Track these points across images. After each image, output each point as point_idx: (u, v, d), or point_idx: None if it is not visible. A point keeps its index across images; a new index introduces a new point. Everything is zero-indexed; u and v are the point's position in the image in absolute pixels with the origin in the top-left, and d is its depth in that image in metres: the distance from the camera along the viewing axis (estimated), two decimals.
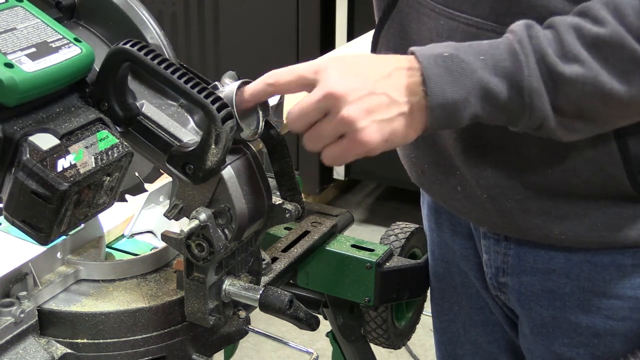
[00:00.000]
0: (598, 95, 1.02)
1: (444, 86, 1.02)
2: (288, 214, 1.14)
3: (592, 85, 1.01)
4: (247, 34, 3.75)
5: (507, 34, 1.04)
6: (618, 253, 1.20)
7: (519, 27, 1.03)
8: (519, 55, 1.01)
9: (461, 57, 1.02)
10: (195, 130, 1.10)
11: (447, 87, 1.02)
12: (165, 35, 1.15)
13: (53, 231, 1.01)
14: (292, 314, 1.12)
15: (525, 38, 1.02)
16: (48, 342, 1.10)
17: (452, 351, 1.50)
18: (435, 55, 1.02)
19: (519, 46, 1.02)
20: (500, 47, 1.03)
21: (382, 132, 1.02)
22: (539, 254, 1.25)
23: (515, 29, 1.03)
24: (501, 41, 1.03)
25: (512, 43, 1.02)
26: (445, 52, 1.02)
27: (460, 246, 1.39)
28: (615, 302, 1.22)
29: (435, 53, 1.03)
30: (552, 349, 1.29)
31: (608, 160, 1.13)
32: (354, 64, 1.05)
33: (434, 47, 1.04)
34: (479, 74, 1.02)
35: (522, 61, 1.01)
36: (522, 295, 1.29)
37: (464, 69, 1.02)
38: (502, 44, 1.03)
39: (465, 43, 1.04)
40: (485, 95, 1.02)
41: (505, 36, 1.04)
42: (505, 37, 1.04)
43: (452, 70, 1.02)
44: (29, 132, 1.00)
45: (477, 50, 1.03)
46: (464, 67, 1.02)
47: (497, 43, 1.03)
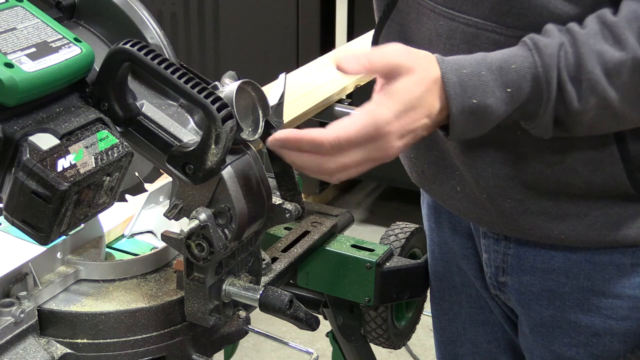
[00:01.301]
0: (608, 118, 1.05)
1: (465, 133, 1.06)
2: (288, 214, 1.14)
3: (604, 110, 1.04)
4: (247, 34, 3.75)
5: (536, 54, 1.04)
6: (617, 252, 1.20)
7: (550, 59, 1.03)
8: (543, 93, 1.04)
9: (488, 103, 1.03)
10: (195, 130, 1.10)
11: (468, 133, 1.07)
12: (165, 35, 1.15)
13: (53, 231, 1.01)
14: (292, 314, 1.12)
15: (554, 72, 1.03)
16: (48, 342, 1.10)
17: (452, 350, 1.50)
18: (465, 108, 1.04)
19: (546, 83, 1.03)
20: (527, 77, 1.04)
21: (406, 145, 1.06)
22: (539, 254, 1.25)
23: (546, 60, 1.03)
24: (529, 69, 1.04)
25: (539, 77, 1.03)
26: (475, 100, 1.03)
27: (460, 246, 1.39)
28: (615, 301, 1.22)
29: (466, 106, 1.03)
30: (551, 348, 1.29)
31: (608, 159, 1.13)
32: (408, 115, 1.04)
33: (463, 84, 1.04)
34: (501, 112, 1.05)
35: (543, 100, 1.04)
36: (522, 295, 1.29)
37: (489, 114, 1.05)
38: (530, 74, 1.04)
39: (496, 66, 1.04)
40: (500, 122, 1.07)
41: (534, 62, 1.03)
42: (534, 66, 1.03)
43: (478, 119, 1.05)
44: (29, 132, 1.00)
45: (505, 81, 1.04)
46: (489, 113, 1.04)
47: (525, 71, 1.04)
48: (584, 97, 1.03)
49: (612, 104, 1.03)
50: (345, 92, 2.02)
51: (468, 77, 1.04)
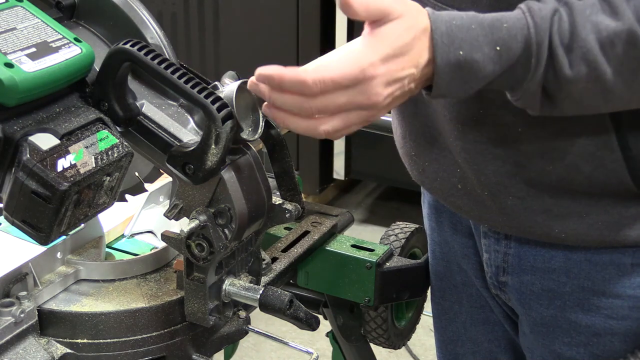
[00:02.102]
0: (599, 92, 1.03)
1: (450, 90, 1.04)
2: (288, 214, 1.14)
3: (594, 83, 1.02)
4: (247, 34, 3.75)
5: (529, 17, 1.02)
6: (618, 252, 1.20)
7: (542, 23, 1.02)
8: (532, 57, 1.02)
9: (475, 58, 1.02)
10: (195, 130, 1.10)
11: (453, 90, 1.04)
12: (165, 35, 1.15)
13: (53, 231, 1.01)
14: (292, 314, 1.12)
15: (545, 40, 1.01)
16: (48, 342, 1.10)
17: (453, 350, 1.50)
18: (451, 61, 1.02)
19: (536, 47, 1.02)
20: (518, 38, 1.02)
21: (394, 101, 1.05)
22: (539, 253, 1.25)
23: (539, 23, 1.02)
24: (521, 30, 1.02)
25: (530, 39, 1.02)
26: (462, 52, 1.02)
27: (461, 245, 1.39)
28: (615, 301, 1.22)
29: (452, 58, 1.02)
30: (552, 347, 1.29)
31: (609, 156, 1.13)
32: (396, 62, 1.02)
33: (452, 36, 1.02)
34: (488, 72, 1.03)
35: (532, 64, 1.02)
36: (522, 294, 1.29)
37: (475, 71, 1.02)
38: (521, 35, 1.02)
39: (487, 23, 1.03)
40: (487, 83, 1.04)
41: (526, 20, 1.02)
42: (526, 25, 1.02)
43: (463, 75, 1.03)
44: (29, 132, 1.00)
45: (495, 38, 1.02)
46: (476, 69, 1.02)
47: (516, 31, 1.02)
48: (575, 65, 1.01)
49: (604, 76, 1.01)
50: None
51: (457, 29, 1.02)
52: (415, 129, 1.30)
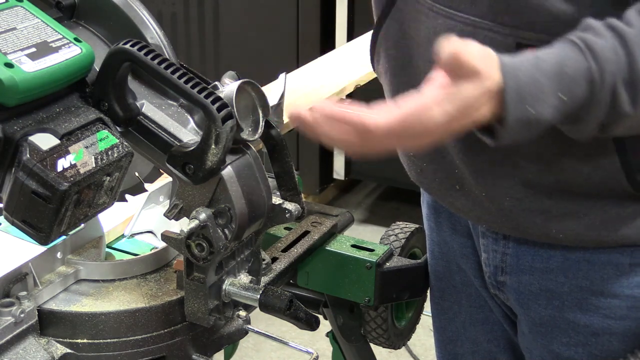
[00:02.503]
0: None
1: (515, 138, 1.02)
2: (288, 214, 1.14)
3: None
4: (247, 34, 3.75)
5: (592, 61, 1.00)
6: (616, 252, 1.20)
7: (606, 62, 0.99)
8: (596, 99, 1.00)
9: (543, 113, 0.99)
10: (195, 130, 1.10)
11: (517, 138, 1.02)
12: (165, 35, 1.15)
13: (53, 231, 1.01)
14: (292, 314, 1.12)
15: (610, 78, 0.99)
16: (48, 342, 1.10)
17: (452, 350, 1.50)
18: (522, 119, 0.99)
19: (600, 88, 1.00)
20: (582, 83, 1.00)
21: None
22: (538, 253, 1.25)
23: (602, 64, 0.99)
24: (584, 74, 1.00)
25: (594, 81, 0.99)
26: (532, 110, 0.99)
27: (460, 245, 1.39)
28: (613, 301, 1.22)
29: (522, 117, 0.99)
30: (550, 347, 1.29)
31: (606, 158, 1.13)
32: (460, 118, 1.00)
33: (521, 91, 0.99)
34: (552, 118, 1.01)
35: (595, 105, 1.01)
36: (521, 294, 1.29)
37: (541, 123, 1.01)
38: (584, 80, 1.00)
39: (551, 70, 1.00)
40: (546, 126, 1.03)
41: (587, 61, 1.00)
42: (588, 67, 0.99)
43: (529, 127, 1.01)
44: (29, 132, 1.00)
45: (560, 86, 1.00)
46: (542, 122, 1.01)
47: (581, 77, 0.99)
48: (635, 101, 1.00)
49: None
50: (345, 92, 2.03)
51: (525, 84, 0.99)
52: None
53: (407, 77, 1.26)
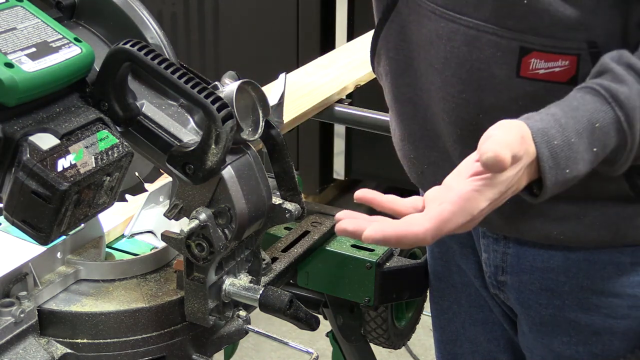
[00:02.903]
0: None
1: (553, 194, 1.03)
2: (288, 214, 1.14)
3: None
4: (247, 34, 3.75)
5: (620, 113, 1.01)
6: (617, 251, 1.20)
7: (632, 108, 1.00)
8: (627, 146, 1.02)
9: (580, 173, 1.01)
10: (195, 130, 1.10)
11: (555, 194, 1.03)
12: (165, 35, 1.15)
13: (53, 231, 1.01)
14: (292, 314, 1.12)
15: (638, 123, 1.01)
16: (48, 342, 1.10)
17: (452, 350, 1.50)
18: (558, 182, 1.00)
19: (631, 138, 1.01)
20: (611, 134, 1.01)
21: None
22: (538, 253, 1.25)
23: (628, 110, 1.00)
24: (615, 128, 1.01)
25: (624, 132, 1.01)
26: (568, 172, 1.00)
27: (460, 245, 1.39)
28: (614, 300, 1.22)
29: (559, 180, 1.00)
30: (551, 347, 1.29)
31: None
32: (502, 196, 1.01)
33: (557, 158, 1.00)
34: (585, 172, 1.02)
35: (625, 152, 1.02)
36: (522, 294, 1.29)
37: (576, 179, 1.02)
38: (614, 131, 1.01)
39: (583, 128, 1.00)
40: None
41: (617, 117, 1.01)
42: (617, 121, 1.01)
43: (567, 184, 1.02)
44: (29, 132, 1.00)
45: (592, 142, 1.01)
46: (577, 177, 1.02)
47: (609, 127, 1.01)
48: None
49: None
50: (345, 92, 2.03)
51: (559, 149, 1.00)
52: (414, 132, 1.30)
53: (408, 79, 1.26)
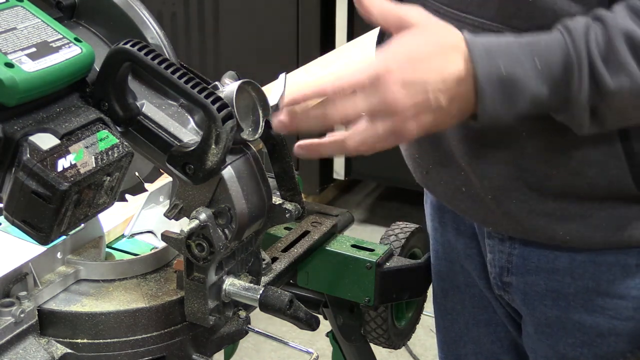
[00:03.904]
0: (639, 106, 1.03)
1: (497, 109, 1.03)
2: (288, 214, 1.14)
3: (636, 97, 1.02)
4: (247, 34, 3.75)
5: (565, 33, 1.02)
6: (622, 253, 1.20)
7: (578, 33, 1.02)
8: (574, 68, 1.01)
9: (517, 73, 1.01)
10: (195, 130, 1.10)
11: (499, 110, 1.03)
12: (165, 35, 1.15)
13: (53, 231, 1.01)
14: (292, 314, 1.12)
15: (583, 48, 1.01)
16: (48, 342, 1.10)
17: (455, 350, 1.50)
18: (492, 78, 1.01)
19: (576, 57, 1.01)
20: (557, 52, 1.02)
21: (422, 132, 1.05)
22: (544, 254, 1.25)
23: (574, 34, 1.02)
24: (558, 44, 1.02)
25: (568, 51, 1.01)
26: (502, 67, 1.01)
27: (464, 245, 1.39)
28: (620, 302, 1.22)
29: (493, 74, 1.01)
30: (556, 348, 1.29)
31: (613, 162, 1.13)
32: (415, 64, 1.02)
33: (491, 51, 1.01)
34: (532, 87, 1.02)
35: (574, 74, 1.01)
36: (527, 295, 1.29)
37: (519, 87, 1.02)
38: (559, 49, 1.02)
39: (523, 40, 1.02)
40: (534, 103, 1.03)
41: (562, 36, 1.02)
42: (562, 39, 1.02)
43: (508, 91, 1.02)
44: (29, 132, 1.00)
45: (533, 53, 1.02)
46: (519, 85, 1.01)
47: (554, 46, 1.02)
48: (615, 76, 1.00)
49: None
50: None
51: (495, 45, 1.01)
52: None
53: None
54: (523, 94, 1.02)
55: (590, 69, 1.01)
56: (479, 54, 1.01)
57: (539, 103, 1.04)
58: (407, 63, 1.01)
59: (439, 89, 1.02)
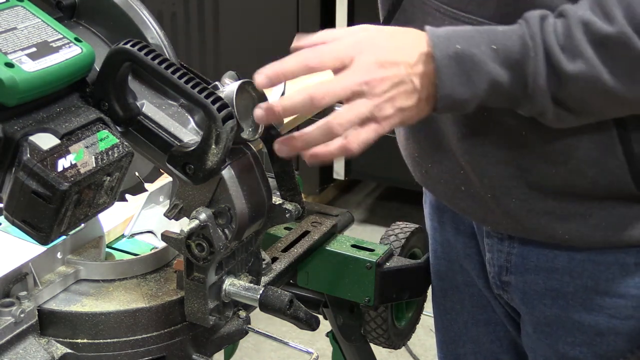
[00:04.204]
0: (600, 92, 1.04)
1: (455, 87, 1.05)
2: (288, 214, 1.14)
3: (594, 83, 1.03)
4: (247, 34, 3.75)
5: (522, 22, 1.05)
6: (621, 252, 1.20)
7: (534, 20, 1.04)
8: (530, 51, 1.03)
9: (473, 52, 1.04)
10: (195, 130, 1.10)
11: (457, 88, 1.05)
12: (165, 35, 1.15)
13: (53, 231, 1.01)
14: (292, 314, 1.12)
15: (538, 33, 1.03)
16: (48, 342, 1.10)
17: (454, 350, 1.50)
18: (449, 53, 1.04)
19: (531, 41, 1.03)
20: (514, 37, 1.04)
21: (401, 118, 1.06)
22: (543, 253, 1.25)
23: (530, 21, 1.04)
24: (515, 31, 1.05)
25: (524, 36, 1.04)
26: (459, 46, 1.04)
27: (463, 245, 1.39)
28: (619, 300, 1.22)
29: (450, 51, 1.04)
30: (555, 347, 1.29)
31: (612, 161, 1.13)
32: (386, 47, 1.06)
33: (449, 35, 1.05)
34: (489, 68, 1.04)
35: (530, 57, 1.03)
36: (526, 294, 1.29)
37: (475, 65, 1.04)
38: (516, 35, 1.04)
39: (482, 28, 1.06)
40: (492, 86, 1.05)
41: (519, 25, 1.05)
42: (520, 27, 1.05)
43: (464, 68, 1.04)
44: (29, 132, 1.00)
45: (491, 39, 1.05)
46: (475, 63, 1.04)
47: (511, 32, 1.05)
48: (572, 61, 1.02)
49: (601, 76, 1.02)
50: None
51: (453, 31, 1.06)
52: (418, 131, 1.30)
53: None
54: (480, 74, 1.04)
55: (546, 53, 1.03)
56: (437, 38, 1.05)
57: (498, 86, 1.05)
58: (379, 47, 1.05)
59: (410, 68, 1.05)
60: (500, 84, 1.05)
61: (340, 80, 1.04)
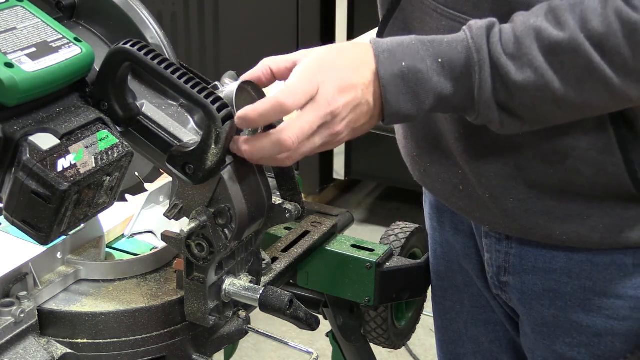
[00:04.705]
0: (550, 100, 1.05)
1: (401, 104, 1.07)
2: (288, 214, 1.14)
3: (543, 91, 1.04)
4: (247, 34, 3.75)
5: (467, 32, 1.06)
6: (619, 253, 1.20)
7: (479, 32, 1.05)
8: (474, 64, 1.04)
9: (419, 67, 1.05)
10: (195, 130, 1.10)
11: (404, 104, 1.07)
12: (165, 35, 1.15)
13: (53, 231, 1.01)
14: (292, 314, 1.12)
15: (484, 46, 1.04)
16: (48, 342, 1.10)
17: (454, 350, 1.50)
18: (394, 71, 1.05)
19: (477, 54, 1.04)
20: (459, 48, 1.05)
21: (352, 135, 1.10)
22: (541, 253, 1.25)
23: (476, 33, 1.05)
24: (460, 41, 1.05)
25: (470, 50, 1.05)
26: (404, 63, 1.05)
27: (462, 245, 1.39)
28: (616, 301, 1.22)
29: (395, 69, 1.05)
30: (553, 348, 1.29)
31: (610, 161, 1.13)
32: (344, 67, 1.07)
33: (393, 49, 1.06)
34: (434, 83, 1.05)
35: (475, 69, 1.04)
36: (524, 295, 1.29)
37: (420, 81, 1.05)
38: (460, 46, 1.05)
39: (428, 40, 1.06)
40: (438, 99, 1.07)
41: (465, 37, 1.05)
42: (465, 39, 1.05)
43: (410, 85, 1.06)
44: (29, 132, 1.00)
45: (436, 51, 1.06)
46: (420, 79, 1.05)
47: (456, 43, 1.05)
48: (521, 71, 1.03)
49: (552, 84, 1.03)
50: None
51: (397, 45, 1.06)
52: (417, 130, 1.30)
53: None
54: (425, 89, 1.06)
55: (493, 64, 1.04)
56: (382, 54, 1.06)
57: (444, 99, 1.07)
58: (338, 69, 1.06)
59: (366, 88, 1.06)
60: (446, 96, 1.06)
61: (307, 118, 1.04)
